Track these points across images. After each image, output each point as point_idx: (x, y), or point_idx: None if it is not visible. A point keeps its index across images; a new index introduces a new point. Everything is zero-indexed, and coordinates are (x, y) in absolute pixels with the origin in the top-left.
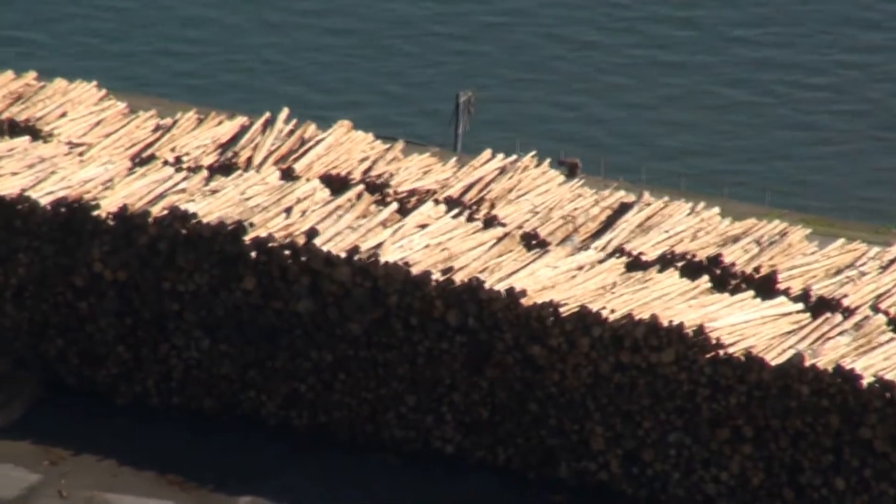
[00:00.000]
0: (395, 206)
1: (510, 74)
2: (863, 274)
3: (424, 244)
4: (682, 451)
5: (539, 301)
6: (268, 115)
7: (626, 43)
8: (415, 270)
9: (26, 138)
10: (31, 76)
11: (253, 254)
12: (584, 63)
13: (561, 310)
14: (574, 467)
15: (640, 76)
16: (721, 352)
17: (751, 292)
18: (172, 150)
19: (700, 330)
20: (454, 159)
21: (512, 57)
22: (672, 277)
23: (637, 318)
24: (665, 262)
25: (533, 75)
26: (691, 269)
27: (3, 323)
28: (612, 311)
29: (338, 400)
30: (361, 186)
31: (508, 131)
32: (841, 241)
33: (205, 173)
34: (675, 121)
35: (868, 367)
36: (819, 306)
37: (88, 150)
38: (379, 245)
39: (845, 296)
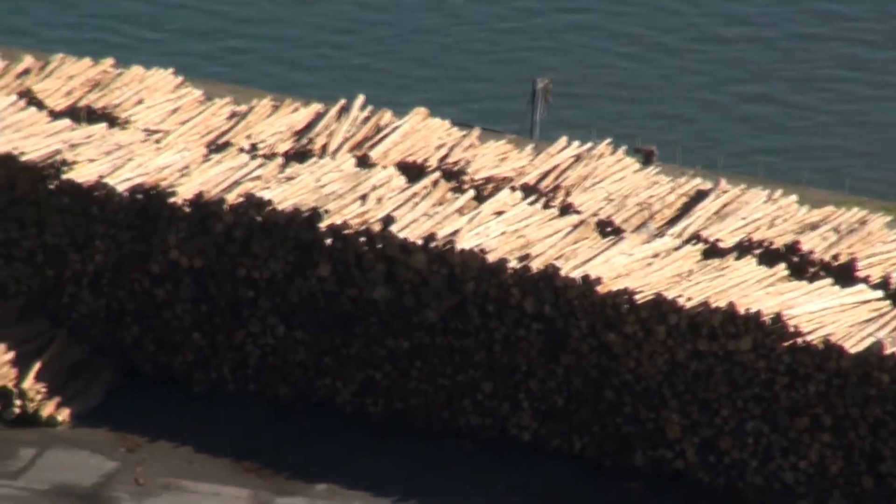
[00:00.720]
0: (471, 193)
1: (588, 62)
2: None
3: (500, 231)
4: (760, 440)
5: (614, 288)
6: (343, 102)
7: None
8: (491, 258)
9: (103, 125)
10: (108, 63)
11: (328, 241)
12: (661, 52)
13: (636, 297)
14: (650, 455)
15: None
16: (799, 340)
17: (829, 280)
18: (248, 137)
19: (778, 317)
20: (530, 147)
21: (590, 45)
22: (749, 265)
23: (714, 305)
24: (742, 249)
25: (611, 64)
26: (769, 257)
27: (80, 310)
28: (689, 299)
29: (414, 387)
30: (438, 174)
31: (585, 118)
32: None
33: (280, 160)
34: (751, 111)
35: None
36: None
37: (165, 137)
38: (455, 232)
39: None
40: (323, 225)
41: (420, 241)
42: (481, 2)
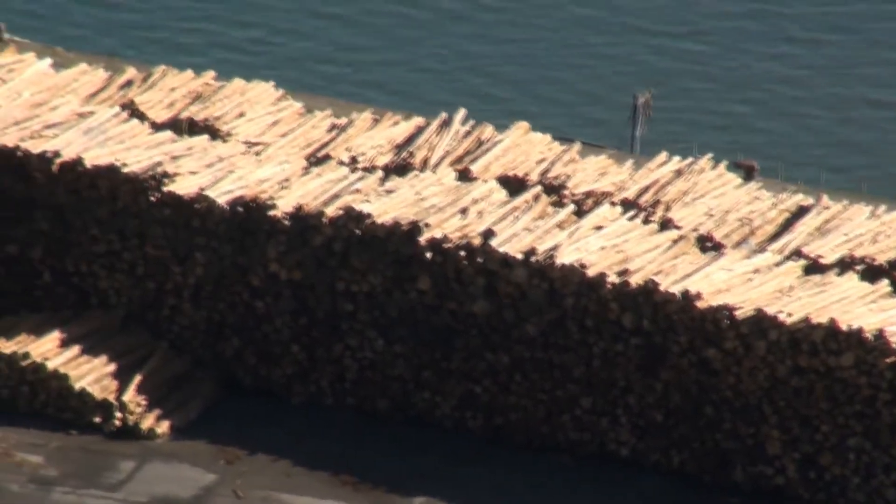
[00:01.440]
0: (571, 207)
1: (688, 77)
2: None
3: (600, 246)
4: (862, 456)
5: (714, 304)
6: (444, 115)
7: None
8: (591, 272)
9: (205, 137)
10: (209, 75)
11: (428, 254)
12: (764, 67)
13: (736, 313)
14: (750, 471)
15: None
16: None
17: None
18: (348, 150)
19: (880, 334)
20: (630, 161)
21: (691, 60)
22: (851, 281)
23: (815, 321)
24: (844, 265)
25: (713, 79)
26: (871, 273)
27: (180, 322)
28: (790, 315)
29: (513, 402)
30: (538, 188)
31: (685, 134)
32: None
33: (380, 173)
34: (854, 126)
35: None
36: None
37: (265, 149)
38: (555, 247)
39: None
40: (423, 239)
41: (520, 256)
42: (581, 18)
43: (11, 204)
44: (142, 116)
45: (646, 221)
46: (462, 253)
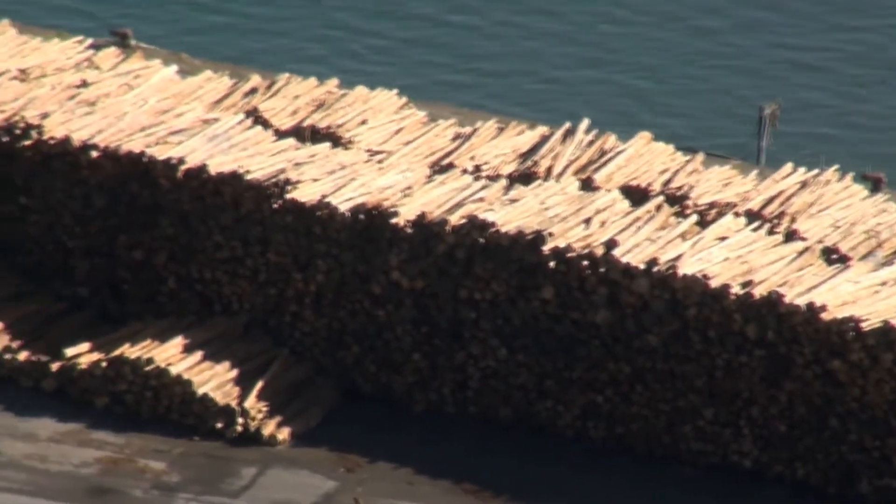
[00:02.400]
0: (694, 218)
1: (815, 87)
2: None
3: (723, 257)
4: None
5: (840, 316)
6: (568, 125)
7: None
8: (714, 283)
9: (327, 145)
10: (333, 83)
11: (551, 263)
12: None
13: (862, 325)
14: (876, 484)
15: None
16: None
17: None
18: (471, 158)
19: None
20: (755, 172)
21: (818, 70)
22: None
23: None
24: None
25: (840, 90)
26: None
27: (301, 329)
28: None
29: (635, 412)
30: (661, 198)
31: (811, 145)
32: None
33: (504, 182)
34: None
35: None
36: None
37: (388, 157)
38: (678, 257)
39: None
40: (546, 248)
41: (642, 266)
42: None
43: (137, 210)
44: (265, 124)
45: (770, 233)
46: (585, 262)
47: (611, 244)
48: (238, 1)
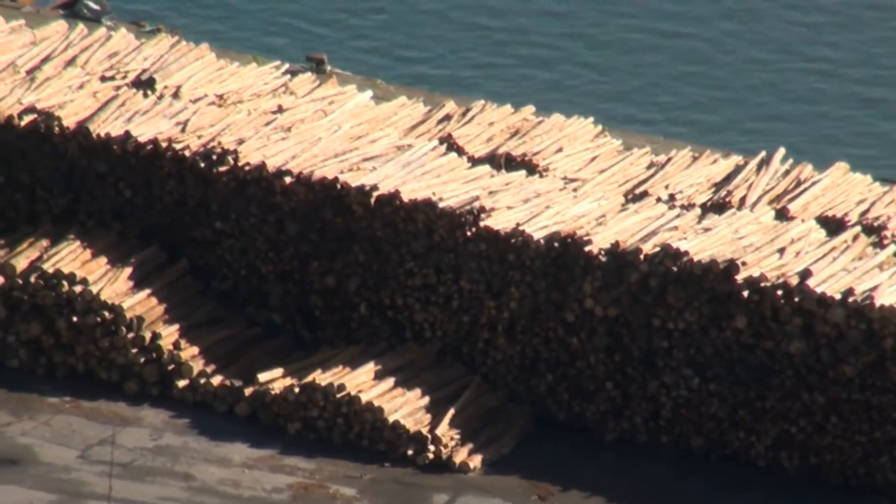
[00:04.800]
0: (892, 248)
1: None
2: None
3: None
4: None
5: None
6: (763, 154)
7: None
8: None
9: (522, 172)
10: (528, 110)
11: (745, 293)
12: None
13: None
14: None
15: None
16: None
17: None
18: (666, 187)
19: None
20: None
21: None
22: None
23: None
24: None
25: None
26: None
27: (494, 357)
28: None
29: (829, 442)
30: (857, 228)
31: None
32: None
33: (697, 211)
34: None
35: None
36: None
37: (583, 185)
38: (874, 287)
39: None
40: (740, 277)
41: (838, 296)
42: None
43: (331, 236)
44: (460, 150)
45: None
46: (779, 292)
47: (806, 274)
48: (434, 28)
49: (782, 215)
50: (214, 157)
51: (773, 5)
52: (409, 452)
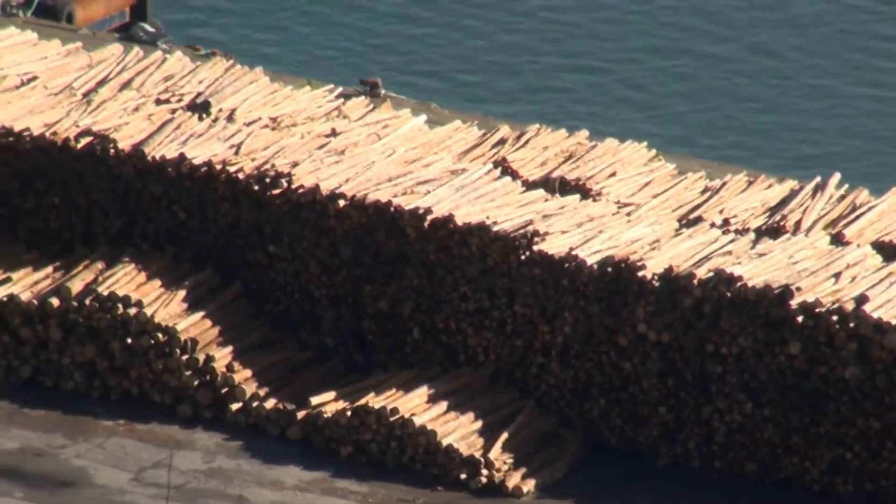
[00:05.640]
0: None
1: None
2: None
3: None
4: None
5: None
6: (818, 179)
7: None
8: None
9: (576, 197)
10: (582, 135)
11: (799, 318)
12: None
13: None
14: None
15: None
16: None
17: None
18: (720, 212)
19: None
20: None
21: None
22: None
23: None
24: None
25: None
26: None
27: (548, 381)
28: None
29: (885, 468)
30: None
31: None
32: None
33: (752, 236)
34: None
35: None
36: None
37: (636, 210)
38: None
39: None
40: (794, 302)
41: (894, 321)
42: None
43: (384, 260)
44: (514, 174)
45: None
46: (834, 317)
47: (862, 299)
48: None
49: (838, 240)
50: (268, 180)
51: (829, 31)
52: (462, 476)
